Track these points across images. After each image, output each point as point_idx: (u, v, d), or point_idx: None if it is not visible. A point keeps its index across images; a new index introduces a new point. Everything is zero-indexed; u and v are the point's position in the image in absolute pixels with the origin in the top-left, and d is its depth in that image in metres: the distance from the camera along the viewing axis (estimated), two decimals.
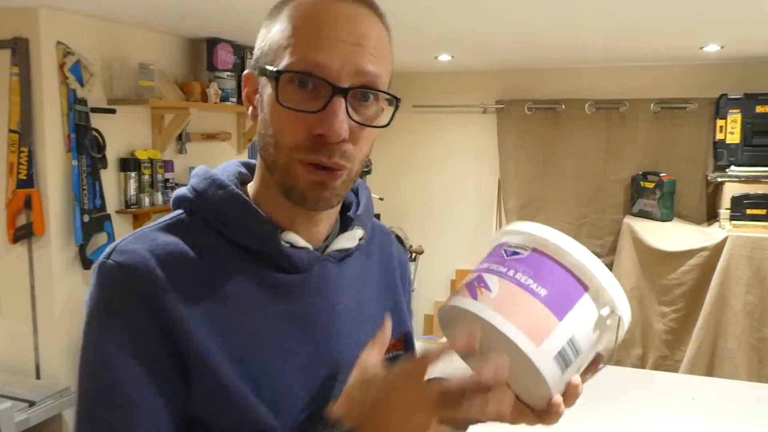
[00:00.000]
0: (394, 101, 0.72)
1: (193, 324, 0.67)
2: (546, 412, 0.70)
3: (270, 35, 0.71)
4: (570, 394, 0.70)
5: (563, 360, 0.68)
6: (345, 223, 0.82)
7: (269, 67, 0.68)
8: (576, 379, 0.71)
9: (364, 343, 0.74)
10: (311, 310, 0.74)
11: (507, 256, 0.72)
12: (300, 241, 0.74)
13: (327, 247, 0.78)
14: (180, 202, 0.77)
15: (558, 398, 0.69)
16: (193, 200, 0.75)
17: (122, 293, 0.66)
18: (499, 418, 0.64)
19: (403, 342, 0.86)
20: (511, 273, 0.70)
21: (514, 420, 0.73)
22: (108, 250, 0.70)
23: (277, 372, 0.71)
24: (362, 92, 0.68)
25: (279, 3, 0.73)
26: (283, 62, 0.67)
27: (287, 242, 0.73)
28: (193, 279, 0.69)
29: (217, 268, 0.71)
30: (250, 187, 0.78)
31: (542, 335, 0.67)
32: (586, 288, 0.70)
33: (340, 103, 0.66)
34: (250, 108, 0.74)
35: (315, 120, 0.66)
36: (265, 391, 0.69)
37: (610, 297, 0.70)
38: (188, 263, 0.70)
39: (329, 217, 0.78)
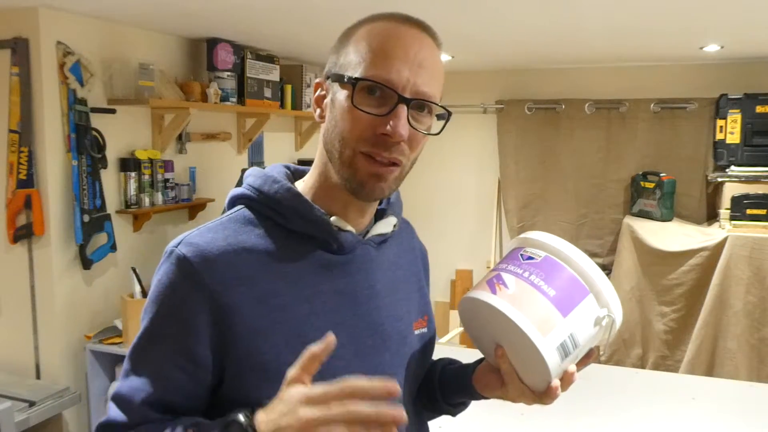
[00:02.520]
0: (446, 115, 0.87)
1: (248, 308, 0.79)
2: (545, 394, 0.85)
3: (345, 51, 0.84)
4: (566, 380, 0.84)
5: (564, 350, 0.82)
6: (378, 216, 0.95)
7: (347, 74, 0.81)
8: (572, 367, 0.84)
9: (399, 318, 0.92)
10: (355, 286, 0.87)
11: (523, 259, 0.86)
12: (345, 225, 0.86)
13: (367, 233, 0.91)
14: (238, 199, 0.89)
15: (556, 382, 0.83)
16: (251, 196, 0.87)
17: (183, 281, 0.79)
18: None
19: (427, 321, 0.99)
20: (526, 274, 0.84)
21: (514, 399, 0.89)
22: (178, 239, 0.83)
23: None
24: (420, 104, 0.82)
25: (352, 27, 0.86)
26: (357, 73, 0.80)
27: (336, 226, 0.85)
28: (254, 264, 0.81)
29: (275, 252, 0.83)
30: (302, 182, 0.90)
31: (548, 328, 0.81)
32: (588, 292, 0.84)
33: (404, 110, 0.79)
34: (318, 110, 0.87)
35: (380, 121, 0.79)
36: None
37: (607, 301, 0.84)
38: (249, 250, 0.82)
39: (371, 211, 0.92)
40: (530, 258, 0.86)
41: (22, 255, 2.60)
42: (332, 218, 0.85)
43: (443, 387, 1.01)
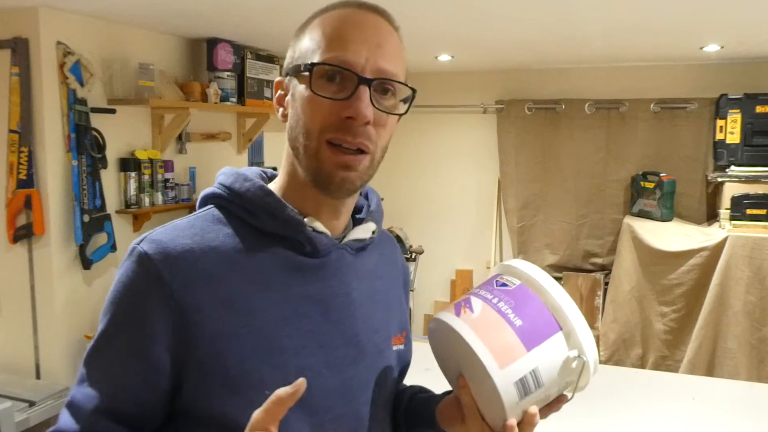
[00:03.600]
0: (411, 93, 0.82)
1: (213, 309, 0.75)
2: None
3: (300, 43, 0.81)
4: (526, 422, 0.76)
5: (523, 388, 0.75)
6: (357, 224, 0.90)
7: (302, 63, 0.78)
8: (533, 409, 0.76)
9: (376, 330, 0.87)
10: (328, 292, 0.82)
11: (496, 285, 0.82)
12: (320, 226, 0.82)
13: (344, 237, 0.86)
14: (209, 198, 0.85)
15: (512, 422, 0.76)
16: (221, 194, 0.83)
17: (143, 278, 0.75)
18: None
19: (405, 338, 0.95)
20: (494, 300, 0.79)
21: None
22: (141, 236, 0.78)
23: (299, 350, 0.78)
24: (382, 85, 0.78)
25: (307, 20, 0.83)
26: (315, 59, 0.77)
27: (310, 227, 0.81)
28: (221, 264, 0.77)
29: (244, 252, 0.79)
30: (274, 183, 0.86)
31: (508, 360, 0.74)
32: (559, 328, 0.77)
33: (365, 91, 0.76)
34: (281, 109, 0.84)
35: (343, 106, 0.75)
36: (289, 368, 0.76)
37: (580, 341, 0.77)
38: (216, 250, 0.77)
39: (347, 211, 0.87)
40: (504, 285, 0.81)
41: (22, 255, 2.60)
42: (305, 218, 0.81)
43: (408, 417, 0.95)
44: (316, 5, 0.84)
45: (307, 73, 0.77)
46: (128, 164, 2.84)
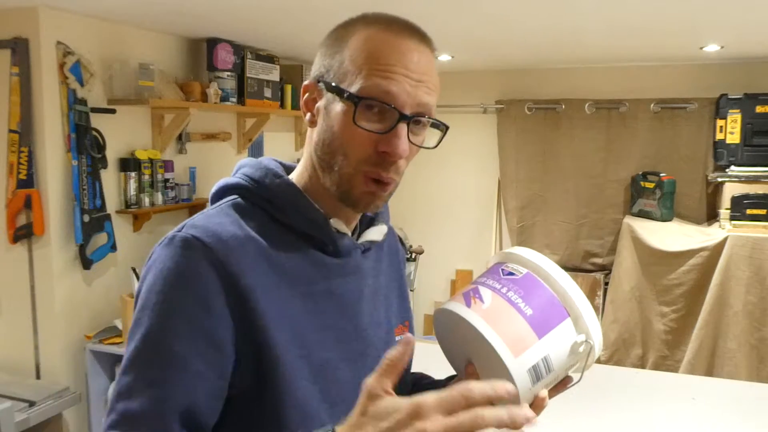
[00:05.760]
0: (440, 124, 0.85)
1: (260, 294, 0.75)
2: None
3: (340, 56, 0.80)
4: (537, 405, 0.79)
5: (535, 374, 0.77)
6: (369, 222, 0.94)
7: (344, 88, 0.78)
8: (543, 393, 0.79)
9: (380, 324, 0.90)
10: (345, 289, 0.85)
11: (503, 275, 0.82)
12: (344, 228, 0.86)
13: (357, 237, 0.90)
14: (232, 188, 0.85)
15: (525, 406, 0.77)
16: (247, 186, 0.84)
17: (197, 261, 0.73)
18: None
19: (408, 327, 0.99)
20: (504, 290, 0.80)
21: None
22: (179, 226, 0.78)
23: (322, 343, 0.81)
24: (419, 120, 0.80)
25: (348, 25, 0.83)
26: (356, 86, 0.77)
27: (334, 228, 0.84)
28: (255, 253, 0.78)
29: (274, 245, 0.80)
30: (296, 180, 0.87)
31: (521, 349, 0.76)
32: (567, 315, 0.80)
33: (404, 128, 0.78)
34: (308, 114, 0.84)
35: (381, 139, 0.78)
36: (314, 360, 0.79)
37: (587, 326, 0.79)
38: (249, 240, 0.78)
39: (358, 215, 0.90)
40: (511, 274, 0.82)
41: (22, 255, 2.60)
42: (331, 220, 0.84)
43: None
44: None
45: (347, 101, 0.78)
46: (128, 164, 2.84)
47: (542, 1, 2.38)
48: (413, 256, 4.40)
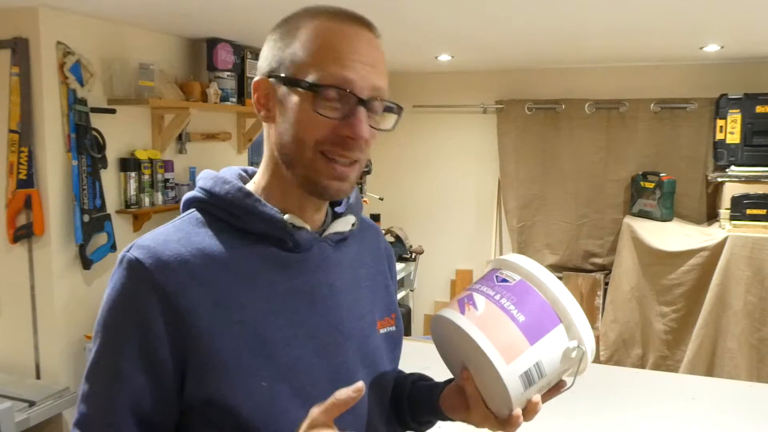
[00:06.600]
0: (394, 107, 0.86)
1: (203, 310, 0.78)
2: (507, 422, 0.83)
3: (290, 50, 0.82)
4: (530, 410, 0.82)
5: (528, 379, 0.79)
6: (334, 217, 0.94)
7: (301, 78, 0.80)
8: (536, 397, 0.82)
9: (361, 316, 0.91)
10: (313, 284, 0.86)
11: (497, 281, 0.84)
12: (300, 222, 0.85)
13: (324, 231, 0.90)
14: (190, 202, 0.88)
15: (518, 411, 0.81)
16: (202, 197, 0.86)
17: (138, 285, 0.78)
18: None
19: (394, 319, 0.99)
20: (497, 297, 0.82)
21: (478, 423, 0.87)
22: (130, 244, 0.81)
23: (290, 341, 0.81)
24: (376, 103, 0.82)
25: (292, 19, 0.85)
26: (312, 76, 0.79)
27: (290, 224, 0.84)
28: (210, 265, 0.80)
29: (230, 252, 0.82)
30: (253, 184, 0.89)
31: (513, 355, 0.78)
32: (559, 321, 0.81)
33: (363, 111, 0.80)
34: (263, 111, 0.85)
35: (341, 124, 0.80)
36: (281, 359, 0.80)
37: (579, 332, 0.81)
38: (204, 252, 0.81)
39: (326, 206, 0.91)
40: (504, 281, 0.84)
41: (22, 255, 2.60)
42: (286, 216, 0.84)
43: (411, 405, 0.99)
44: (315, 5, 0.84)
45: (306, 91, 0.79)
46: (128, 164, 2.84)
47: (542, 2, 2.38)
48: (413, 256, 4.40)
